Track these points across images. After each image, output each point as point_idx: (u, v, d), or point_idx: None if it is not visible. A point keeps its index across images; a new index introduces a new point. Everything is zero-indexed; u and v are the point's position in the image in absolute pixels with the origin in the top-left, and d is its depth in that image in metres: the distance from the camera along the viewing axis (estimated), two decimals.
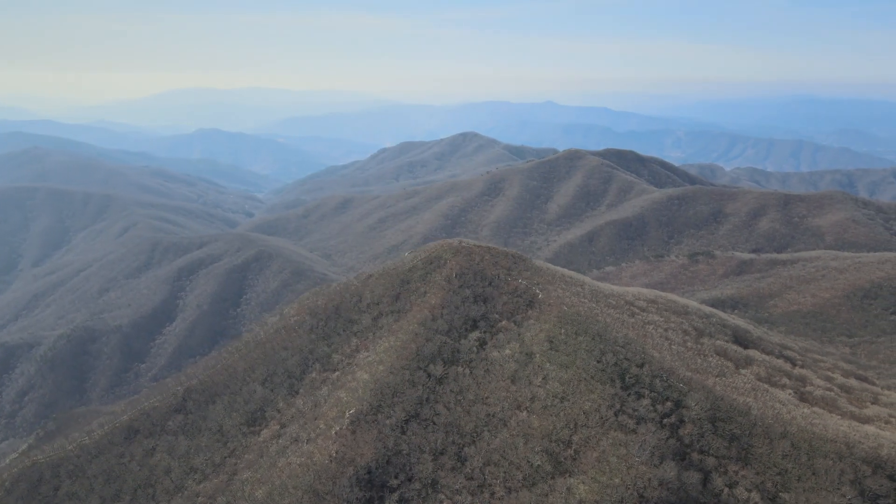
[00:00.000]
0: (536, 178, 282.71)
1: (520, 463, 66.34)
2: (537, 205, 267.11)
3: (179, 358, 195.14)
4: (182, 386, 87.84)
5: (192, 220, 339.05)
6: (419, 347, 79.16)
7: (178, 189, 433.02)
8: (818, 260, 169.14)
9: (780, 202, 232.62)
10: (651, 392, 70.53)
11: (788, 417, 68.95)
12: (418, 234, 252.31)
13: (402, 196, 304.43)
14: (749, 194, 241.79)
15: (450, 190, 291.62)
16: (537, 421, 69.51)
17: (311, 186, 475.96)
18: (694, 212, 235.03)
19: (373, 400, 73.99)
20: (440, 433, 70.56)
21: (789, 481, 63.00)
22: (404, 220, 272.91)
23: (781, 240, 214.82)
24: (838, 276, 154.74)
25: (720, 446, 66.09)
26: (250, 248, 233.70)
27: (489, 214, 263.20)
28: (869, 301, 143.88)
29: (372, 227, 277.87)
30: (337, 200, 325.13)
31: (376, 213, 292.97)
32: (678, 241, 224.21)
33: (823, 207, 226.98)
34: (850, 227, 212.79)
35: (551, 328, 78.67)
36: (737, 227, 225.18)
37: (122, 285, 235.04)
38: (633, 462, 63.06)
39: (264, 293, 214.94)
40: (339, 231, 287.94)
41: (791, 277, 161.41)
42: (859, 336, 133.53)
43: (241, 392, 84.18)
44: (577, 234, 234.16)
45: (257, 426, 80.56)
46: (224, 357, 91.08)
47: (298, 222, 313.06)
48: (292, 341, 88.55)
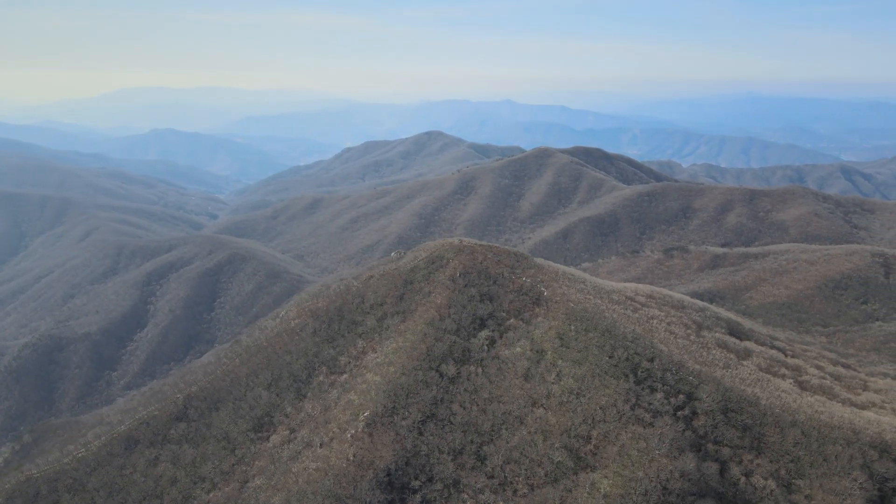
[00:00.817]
0: (508, 177, 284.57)
1: (540, 460, 66.80)
2: (510, 203, 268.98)
3: (153, 365, 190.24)
4: (182, 393, 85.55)
5: (155, 222, 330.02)
6: (429, 347, 78.90)
7: (137, 191, 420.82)
8: (788, 253, 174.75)
9: (745, 197, 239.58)
10: (663, 385, 71.85)
11: (795, 406, 71.12)
12: (392, 233, 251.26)
13: (372, 196, 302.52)
14: (715, 190, 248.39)
15: (421, 189, 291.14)
16: (554, 417, 70.10)
17: (276, 187, 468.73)
18: (664, 208, 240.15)
19: (387, 401, 73.43)
20: (458, 433, 70.53)
21: (803, 468, 65.02)
22: (377, 220, 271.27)
23: (749, 234, 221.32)
24: (809, 268, 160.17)
25: (733, 436, 67.77)
26: (222, 251, 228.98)
27: (462, 213, 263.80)
28: (840, 292, 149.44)
29: (344, 227, 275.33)
30: (306, 201, 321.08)
31: (347, 213, 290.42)
32: (650, 236, 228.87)
33: (786, 202, 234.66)
34: (812, 220, 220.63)
35: (560, 325, 79.37)
36: (706, 222, 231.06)
37: (87, 291, 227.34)
38: (653, 455, 64.17)
39: (239, 296, 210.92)
40: (310, 232, 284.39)
41: (764, 270, 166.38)
42: (833, 326, 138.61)
43: (245, 398, 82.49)
44: (551, 231, 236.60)
45: (265, 432, 79.10)
46: (224, 362, 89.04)
47: (267, 223, 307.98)
48: (296, 345, 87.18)
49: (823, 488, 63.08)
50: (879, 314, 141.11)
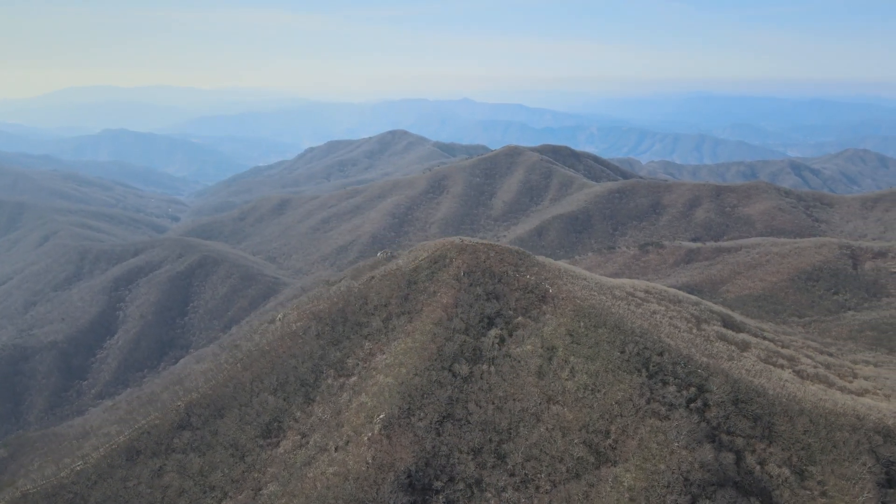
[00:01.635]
0: (479, 175, 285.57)
1: (561, 456, 67.33)
2: (482, 201, 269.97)
3: (126, 372, 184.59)
4: (182, 401, 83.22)
5: (116, 226, 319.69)
6: (440, 347, 78.66)
7: (93, 194, 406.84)
8: (759, 246, 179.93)
9: (712, 193, 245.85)
10: (675, 379, 73.25)
11: (801, 395, 73.37)
12: (366, 233, 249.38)
13: (343, 195, 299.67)
14: (683, 186, 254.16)
15: (392, 188, 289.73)
16: (571, 413, 70.76)
17: (238, 188, 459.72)
18: (635, 204, 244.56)
19: (402, 403, 72.90)
20: (476, 432, 70.52)
21: (814, 455, 67.16)
22: (349, 220, 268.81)
23: (717, 228, 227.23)
24: (782, 260, 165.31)
25: (745, 426, 69.57)
26: (193, 254, 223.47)
27: (436, 212, 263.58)
28: (812, 283, 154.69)
29: (315, 228, 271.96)
30: (273, 202, 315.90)
31: (318, 213, 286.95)
32: (623, 232, 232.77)
33: (751, 197, 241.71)
34: (777, 214, 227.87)
35: (569, 322, 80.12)
36: (675, 217, 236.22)
37: (50, 298, 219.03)
38: (673, 447, 65.40)
39: (213, 300, 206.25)
40: (280, 233, 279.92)
41: (738, 263, 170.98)
42: (809, 316, 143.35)
43: (251, 404, 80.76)
44: (526, 228, 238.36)
45: (274, 438, 77.64)
46: (226, 368, 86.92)
47: (235, 225, 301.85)
48: (299, 348, 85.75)
49: (835, 474, 65.34)
50: (850, 304, 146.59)
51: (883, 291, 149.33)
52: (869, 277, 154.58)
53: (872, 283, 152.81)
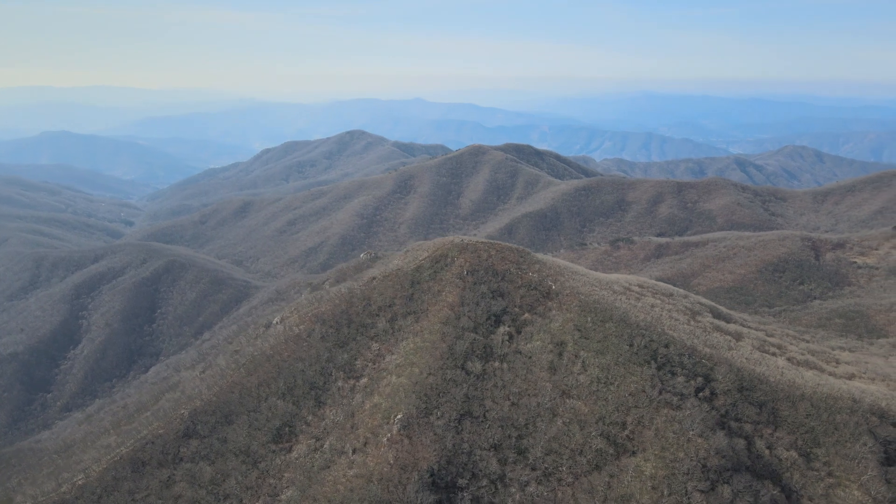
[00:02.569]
0: (445, 175, 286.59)
1: (580, 448, 68.76)
2: (450, 200, 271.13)
3: (93, 383, 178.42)
4: (186, 409, 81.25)
5: (69, 231, 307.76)
6: (450, 346, 79.16)
7: (40, 199, 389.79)
8: (725, 240, 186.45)
9: (674, 189, 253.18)
10: (682, 369, 75.68)
11: (800, 381, 76.80)
12: (336, 234, 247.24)
13: (308, 197, 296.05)
14: (646, 183, 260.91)
15: (358, 189, 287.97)
16: (586, 406, 72.30)
17: (194, 191, 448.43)
18: (600, 201, 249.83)
19: (419, 402, 73.09)
20: (495, 428, 71.31)
21: (817, 437, 70.46)
22: (317, 222, 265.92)
23: (681, 223, 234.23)
24: (748, 253, 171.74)
25: (752, 413, 72.43)
26: (158, 259, 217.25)
27: (404, 212, 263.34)
28: (778, 274, 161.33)
29: (281, 230, 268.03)
30: (235, 204, 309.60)
31: (283, 215, 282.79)
32: (591, 229, 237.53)
33: (711, 193, 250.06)
34: (736, 209, 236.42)
35: (576, 317, 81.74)
36: (640, 213, 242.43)
37: (6, 308, 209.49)
38: (688, 435, 67.58)
39: (182, 305, 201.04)
40: (244, 236, 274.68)
41: (707, 257, 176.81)
42: (778, 306, 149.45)
43: (260, 409, 79.53)
44: (496, 226, 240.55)
45: (286, 443, 76.70)
46: (229, 374, 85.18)
47: (196, 229, 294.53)
48: (305, 351, 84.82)
49: (839, 454, 68.71)
50: (816, 293, 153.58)
51: (845, 281, 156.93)
52: (831, 268, 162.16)
53: (834, 272, 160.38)
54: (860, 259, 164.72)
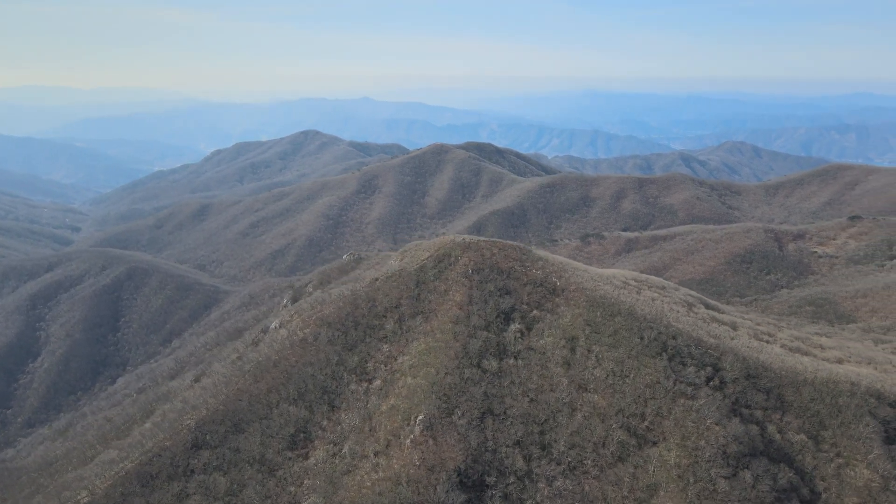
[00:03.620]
0: (409, 174, 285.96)
1: (603, 441, 69.94)
2: (415, 199, 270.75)
3: (57, 397, 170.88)
4: (192, 419, 78.68)
5: (12, 239, 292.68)
6: (464, 345, 79.25)
7: None
8: (692, 233, 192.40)
9: (635, 185, 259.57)
10: (692, 360, 77.87)
11: (800, 367, 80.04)
12: (302, 236, 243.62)
13: (269, 198, 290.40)
14: (609, 179, 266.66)
15: (321, 189, 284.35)
16: (604, 400, 73.55)
17: (143, 194, 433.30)
18: (565, 198, 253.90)
19: (439, 402, 72.90)
20: (518, 425, 71.78)
21: (823, 420, 73.62)
22: (281, 223, 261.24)
23: (644, 218, 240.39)
24: (716, 246, 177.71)
25: (760, 399, 75.14)
26: (118, 265, 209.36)
27: (370, 212, 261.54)
28: (746, 265, 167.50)
29: (244, 233, 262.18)
30: (192, 207, 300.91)
31: (244, 217, 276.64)
32: (557, 225, 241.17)
33: (671, 188, 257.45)
34: (695, 203, 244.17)
35: (585, 312, 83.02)
36: (605, 209, 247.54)
37: None
38: (707, 424, 69.64)
39: (147, 313, 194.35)
40: (205, 240, 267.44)
41: (676, 250, 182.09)
42: (749, 296, 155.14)
43: (271, 416, 77.75)
44: (464, 225, 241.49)
45: (302, 449, 75.29)
46: (234, 381, 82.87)
47: (152, 234, 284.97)
48: (313, 355, 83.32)
49: (845, 436, 71.96)
50: (783, 282, 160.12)
51: (808, 270, 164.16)
52: (794, 258, 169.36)
53: (797, 262, 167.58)
54: (820, 249, 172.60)
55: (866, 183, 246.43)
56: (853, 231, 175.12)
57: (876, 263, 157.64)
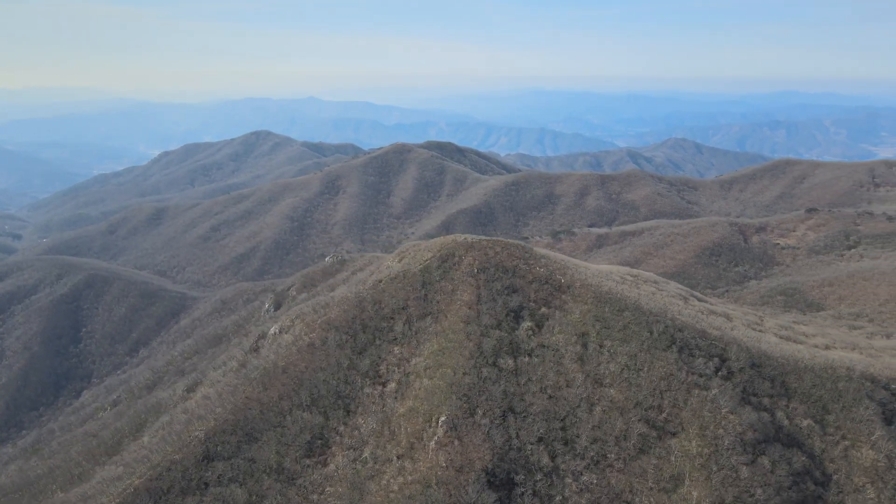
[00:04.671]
0: (372, 174, 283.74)
1: (624, 434, 71.13)
2: (381, 199, 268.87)
3: (17, 414, 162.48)
4: (200, 430, 75.97)
5: None
6: (477, 344, 79.20)
7: None
8: (659, 228, 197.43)
9: (597, 182, 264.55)
10: (699, 351, 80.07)
11: (798, 355, 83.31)
12: (268, 239, 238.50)
13: (228, 201, 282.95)
14: (572, 176, 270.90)
15: (283, 191, 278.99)
16: (621, 394, 74.81)
17: (88, 199, 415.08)
18: (531, 196, 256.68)
19: (460, 403, 72.65)
20: (539, 421, 72.22)
21: (826, 405, 76.84)
22: (244, 226, 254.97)
23: (608, 214, 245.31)
24: (684, 240, 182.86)
25: (766, 387, 77.87)
26: (76, 274, 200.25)
27: (336, 213, 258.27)
28: (715, 258, 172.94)
29: (205, 237, 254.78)
30: (147, 212, 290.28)
31: (204, 221, 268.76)
32: (525, 223, 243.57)
33: (632, 184, 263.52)
34: (657, 199, 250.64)
35: (593, 308, 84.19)
36: (570, 206, 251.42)
37: None
38: (723, 413, 71.73)
39: (110, 322, 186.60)
40: (163, 245, 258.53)
41: (646, 245, 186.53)
42: (721, 287, 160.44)
43: (285, 423, 75.88)
44: (432, 224, 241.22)
45: (320, 456, 73.80)
46: (242, 389, 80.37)
47: (105, 239, 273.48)
48: (324, 360, 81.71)
49: (848, 419, 75.29)
50: (750, 274, 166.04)
51: (773, 261, 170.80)
52: (759, 250, 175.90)
53: (762, 254, 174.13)
54: (782, 240, 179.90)
55: (813, 177, 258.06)
56: (811, 223, 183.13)
57: (836, 253, 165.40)
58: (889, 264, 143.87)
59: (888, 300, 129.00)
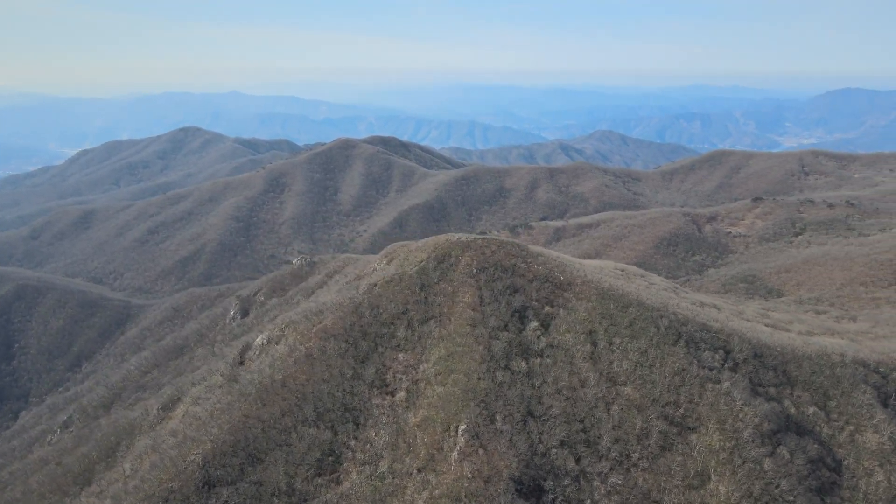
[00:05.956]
0: (317, 171, 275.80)
1: (646, 432, 70.48)
2: (328, 197, 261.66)
3: None
4: (196, 454, 69.98)
5: None
6: (487, 347, 76.77)
7: None
8: (614, 220, 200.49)
9: (546, 175, 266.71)
10: (705, 345, 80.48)
11: (793, 343, 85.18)
12: (213, 241, 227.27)
13: (164, 202, 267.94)
14: (521, 170, 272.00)
15: (224, 190, 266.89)
16: (637, 391, 74.15)
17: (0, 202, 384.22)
18: (482, 190, 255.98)
19: (478, 410, 70.05)
20: (560, 424, 70.58)
21: (827, 391, 78.74)
22: (184, 228, 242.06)
23: (559, 207, 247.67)
24: (642, 231, 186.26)
25: (770, 377, 79.10)
26: (2, 285, 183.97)
27: (283, 212, 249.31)
28: (673, 248, 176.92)
29: (142, 240, 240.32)
30: (74, 215, 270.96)
31: (139, 223, 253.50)
32: (478, 217, 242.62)
33: (579, 177, 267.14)
34: (605, 191, 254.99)
35: (598, 306, 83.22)
36: (521, 199, 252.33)
37: None
38: (738, 405, 72.19)
39: (46, 336, 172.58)
40: (94, 250, 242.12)
41: (605, 237, 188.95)
42: (682, 277, 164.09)
43: (291, 441, 71.00)
44: (385, 220, 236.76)
45: (332, 473, 69.52)
46: (237, 407, 74.57)
47: (27, 245, 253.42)
48: (326, 372, 77.05)
49: (849, 403, 77.38)
50: (707, 262, 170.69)
51: (727, 249, 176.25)
52: (713, 239, 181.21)
53: (717, 242, 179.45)
54: (733, 229, 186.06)
55: (748, 167, 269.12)
56: (758, 211, 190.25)
57: (785, 240, 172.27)
58: (839, 250, 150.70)
59: (844, 284, 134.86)
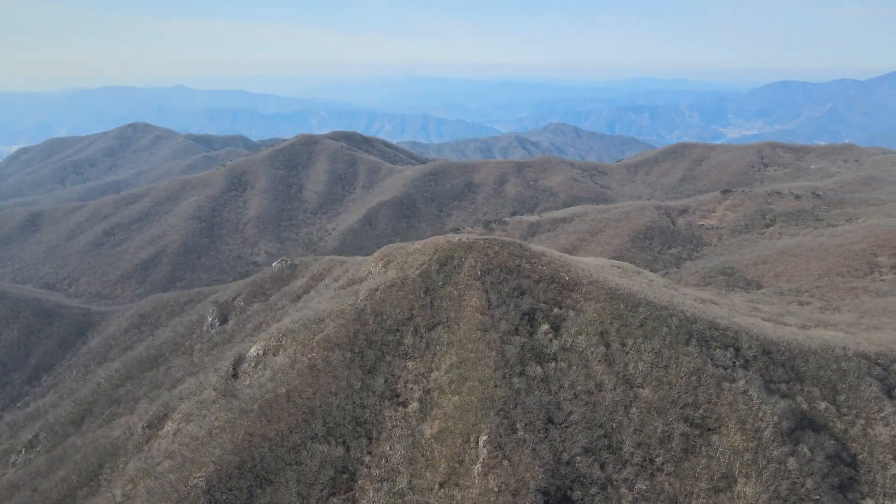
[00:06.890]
0: (280, 168, 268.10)
1: (668, 435, 69.20)
2: (293, 194, 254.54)
3: None
4: (198, 477, 65.24)
5: None
6: (501, 353, 74.19)
7: None
8: (588, 214, 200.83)
9: (514, 169, 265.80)
10: (715, 342, 79.88)
11: (796, 338, 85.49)
12: (175, 242, 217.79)
13: (119, 202, 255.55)
14: (489, 164, 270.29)
15: (182, 189, 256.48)
16: (654, 393, 72.85)
17: None
18: (450, 185, 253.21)
19: (498, 419, 67.46)
20: (582, 431, 68.65)
21: (835, 385, 79.17)
22: (143, 229, 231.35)
23: (529, 201, 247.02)
24: (617, 225, 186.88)
25: (781, 373, 79.05)
26: None
27: (247, 211, 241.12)
28: (649, 241, 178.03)
29: (96, 243, 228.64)
30: (19, 217, 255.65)
31: (92, 225, 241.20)
32: (448, 213, 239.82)
33: (547, 171, 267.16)
34: (573, 184, 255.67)
35: (608, 306, 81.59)
36: (490, 194, 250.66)
37: None
38: (755, 403, 71.64)
39: (1, 348, 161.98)
40: (45, 254, 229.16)
41: (581, 231, 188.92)
42: (659, 269, 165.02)
43: (301, 459, 66.94)
44: (354, 218, 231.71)
45: (347, 492, 65.89)
46: (240, 425, 69.89)
47: None
48: (333, 384, 73.03)
49: (857, 397, 77.98)
50: (684, 255, 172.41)
51: (701, 241, 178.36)
52: (686, 231, 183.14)
53: (690, 235, 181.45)
54: (705, 221, 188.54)
55: (710, 159, 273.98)
56: (728, 203, 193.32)
57: (756, 232, 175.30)
58: (811, 240, 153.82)
59: (821, 275, 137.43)
